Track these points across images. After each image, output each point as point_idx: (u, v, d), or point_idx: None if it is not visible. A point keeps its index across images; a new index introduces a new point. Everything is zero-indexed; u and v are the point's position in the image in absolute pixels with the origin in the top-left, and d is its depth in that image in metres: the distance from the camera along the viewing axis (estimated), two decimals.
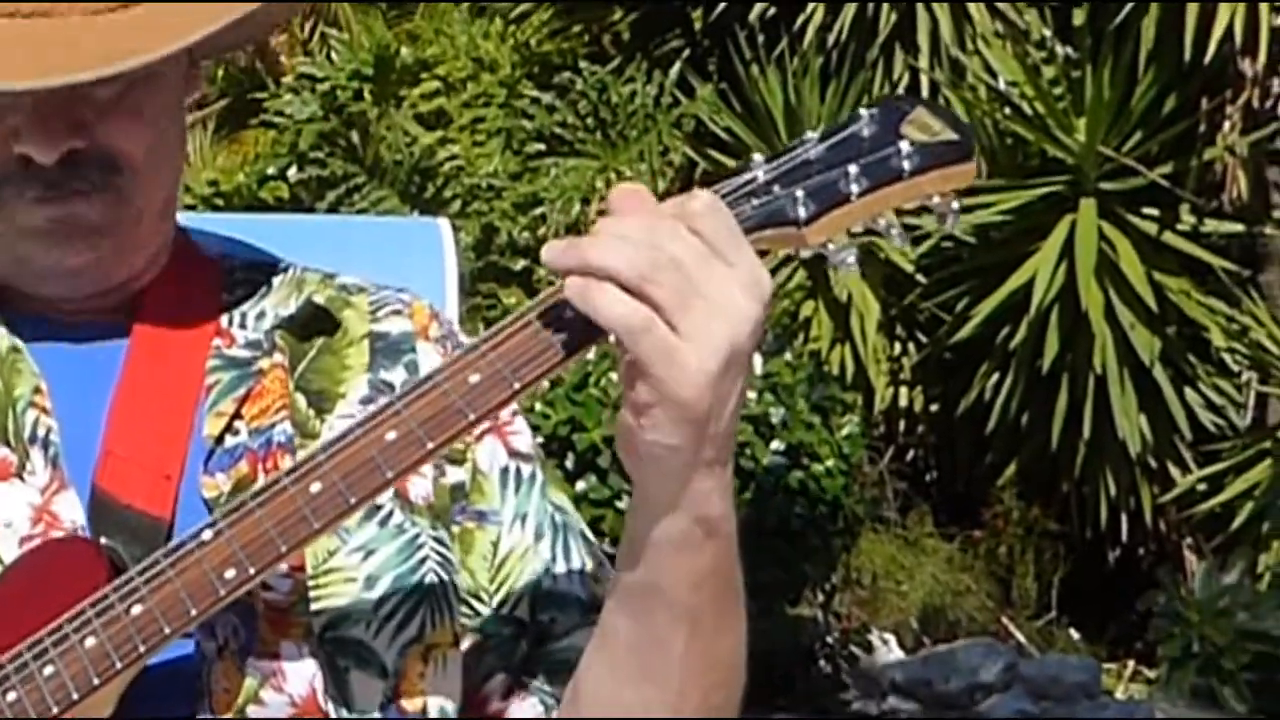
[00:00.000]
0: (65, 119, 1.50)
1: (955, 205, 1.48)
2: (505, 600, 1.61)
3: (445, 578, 1.57)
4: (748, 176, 1.45)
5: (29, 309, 1.59)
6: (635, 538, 1.45)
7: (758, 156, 1.48)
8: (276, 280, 1.65)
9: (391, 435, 1.41)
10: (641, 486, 1.44)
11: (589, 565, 1.63)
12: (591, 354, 1.48)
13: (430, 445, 1.41)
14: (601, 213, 1.45)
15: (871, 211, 1.46)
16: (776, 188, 1.45)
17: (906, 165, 1.45)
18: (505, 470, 1.63)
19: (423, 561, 1.56)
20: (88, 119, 1.51)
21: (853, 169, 1.45)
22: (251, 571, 1.42)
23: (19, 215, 1.53)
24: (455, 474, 1.61)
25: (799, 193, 1.44)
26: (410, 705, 1.55)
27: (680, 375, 1.36)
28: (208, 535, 1.42)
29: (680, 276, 1.36)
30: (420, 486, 1.59)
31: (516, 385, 1.41)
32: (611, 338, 1.40)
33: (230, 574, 1.41)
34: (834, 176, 1.45)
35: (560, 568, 1.62)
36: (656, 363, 1.37)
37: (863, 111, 1.48)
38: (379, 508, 1.55)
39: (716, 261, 1.38)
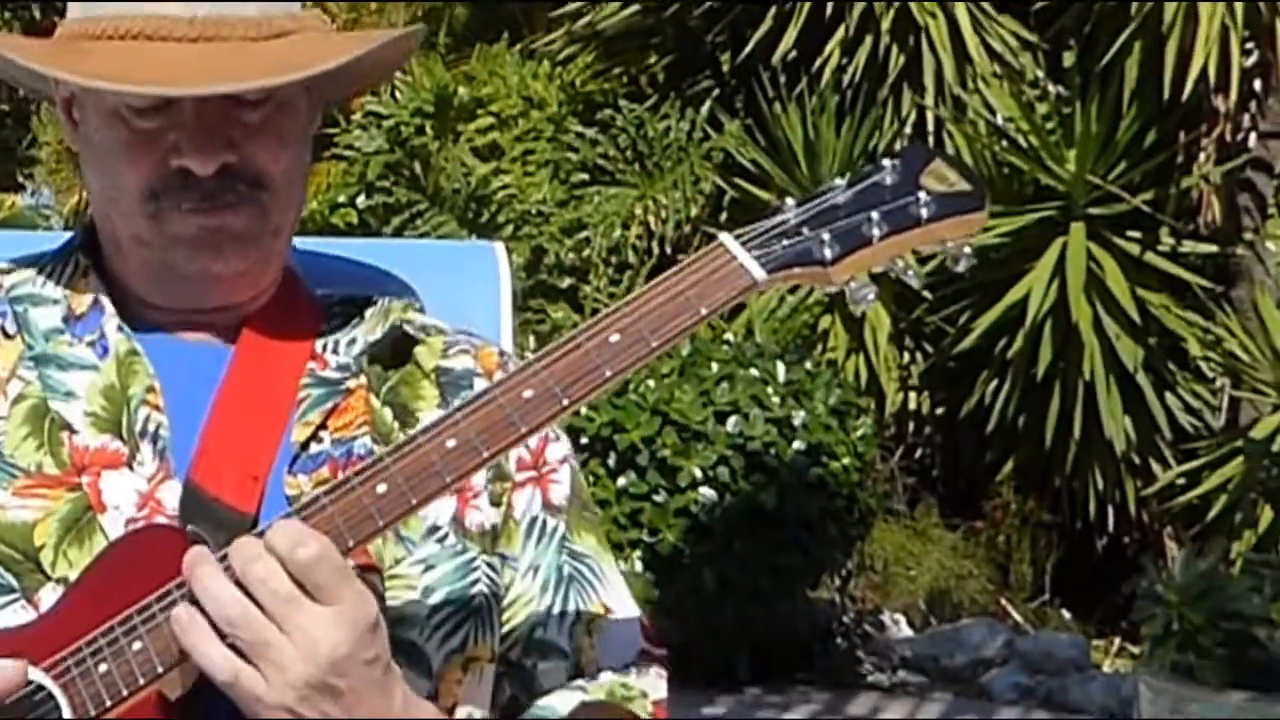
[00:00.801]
0: (220, 137, 1.51)
1: (967, 249, 1.48)
2: (503, 639, 1.60)
3: (492, 599, 1.57)
4: (780, 219, 1.45)
5: (150, 322, 1.59)
6: None
7: (789, 200, 1.47)
8: (368, 312, 1.64)
9: (451, 443, 1.41)
10: None
11: (582, 616, 1.61)
12: None
13: (486, 453, 1.41)
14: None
15: (891, 253, 1.46)
16: (805, 230, 1.45)
17: (924, 213, 1.46)
18: (533, 521, 1.61)
19: (475, 582, 1.56)
20: (238, 139, 1.52)
21: (875, 214, 1.45)
22: None
23: (174, 224, 1.53)
24: (492, 516, 1.60)
25: (825, 235, 1.44)
26: (444, 706, 1.54)
27: (262, 709, 1.37)
28: None
29: (261, 624, 1.36)
30: (476, 516, 1.58)
31: (565, 402, 1.41)
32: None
33: None
34: (858, 221, 1.45)
35: (555, 615, 1.60)
36: (243, 700, 1.38)
37: (886, 161, 1.48)
38: (438, 528, 1.55)
39: (307, 603, 1.36)
